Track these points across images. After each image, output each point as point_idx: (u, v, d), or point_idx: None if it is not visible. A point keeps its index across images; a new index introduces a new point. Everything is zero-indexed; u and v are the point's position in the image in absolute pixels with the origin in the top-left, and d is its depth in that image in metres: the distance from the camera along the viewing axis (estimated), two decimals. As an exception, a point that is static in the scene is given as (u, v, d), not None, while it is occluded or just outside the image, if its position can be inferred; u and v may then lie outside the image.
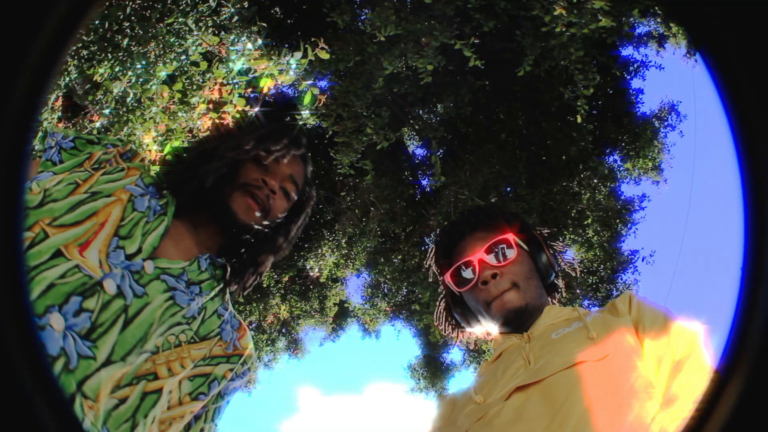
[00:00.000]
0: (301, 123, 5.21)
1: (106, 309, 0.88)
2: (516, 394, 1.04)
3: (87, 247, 0.92)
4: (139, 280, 0.95)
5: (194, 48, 4.03)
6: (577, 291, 7.52)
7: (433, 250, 1.38)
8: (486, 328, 1.29)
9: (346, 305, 9.99)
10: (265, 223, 1.17)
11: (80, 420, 0.80)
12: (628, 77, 8.18)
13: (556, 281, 1.34)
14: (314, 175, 1.29)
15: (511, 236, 1.24)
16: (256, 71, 3.93)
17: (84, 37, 3.63)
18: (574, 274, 1.37)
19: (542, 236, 1.32)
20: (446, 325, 1.39)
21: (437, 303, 1.42)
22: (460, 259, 1.25)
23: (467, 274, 1.24)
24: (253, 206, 1.13)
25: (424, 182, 8.36)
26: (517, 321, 1.20)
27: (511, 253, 1.22)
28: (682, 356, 1.00)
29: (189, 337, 1.00)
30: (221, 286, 1.12)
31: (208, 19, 4.18)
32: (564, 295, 1.37)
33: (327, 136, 6.75)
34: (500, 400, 1.05)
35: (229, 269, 1.15)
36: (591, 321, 1.12)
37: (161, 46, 3.88)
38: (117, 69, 3.74)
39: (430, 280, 1.44)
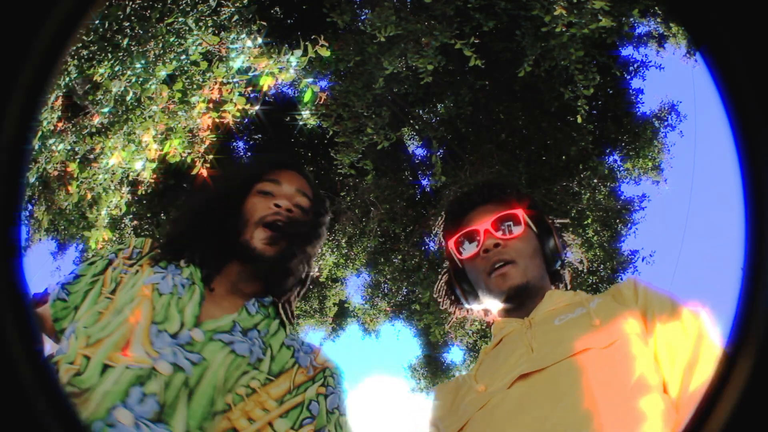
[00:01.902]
0: (301, 123, 5.21)
1: (169, 387, 0.88)
2: (519, 383, 1.01)
3: (128, 346, 0.91)
4: (193, 350, 0.94)
5: (194, 48, 4.03)
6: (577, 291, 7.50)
7: (443, 218, 1.37)
8: (485, 306, 1.28)
9: (346, 305, 9.99)
10: (289, 244, 1.14)
11: None
12: (628, 77, 8.19)
13: (560, 270, 1.32)
14: (316, 184, 1.31)
15: (520, 212, 1.24)
16: (256, 69, 3.93)
17: (84, 37, 3.63)
18: (581, 267, 1.37)
19: (553, 223, 1.31)
20: (445, 299, 1.38)
21: (439, 276, 1.40)
22: (467, 228, 1.25)
23: (472, 243, 1.24)
24: (274, 236, 1.11)
25: (424, 182, 8.36)
26: (518, 298, 1.18)
27: (518, 229, 1.22)
28: (695, 354, 0.96)
29: (263, 380, 0.98)
30: (278, 320, 1.10)
31: (208, 18, 4.18)
32: (568, 287, 1.35)
33: (327, 136, 6.75)
34: (503, 388, 1.03)
35: (279, 304, 1.13)
36: (594, 307, 1.09)
37: (161, 45, 3.88)
38: (117, 69, 3.74)
39: (437, 247, 1.44)
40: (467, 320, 1.40)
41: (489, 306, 1.26)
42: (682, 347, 0.98)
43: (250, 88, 4.12)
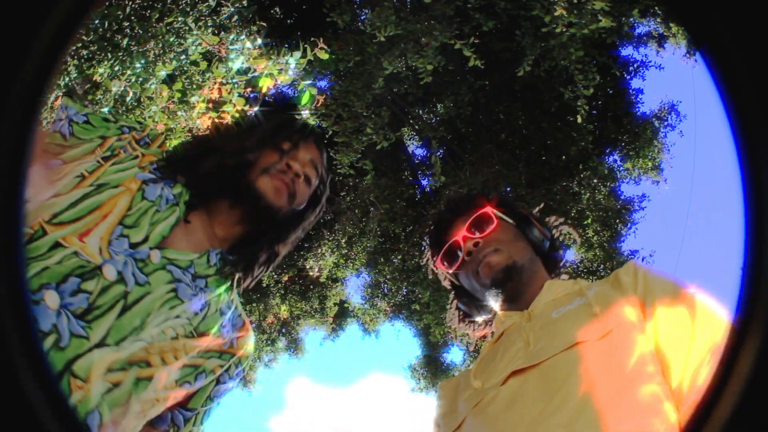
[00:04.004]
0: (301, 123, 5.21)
1: (105, 293, 0.87)
2: (512, 379, 1.02)
3: (87, 234, 0.89)
4: (143, 269, 0.92)
5: (194, 48, 4.03)
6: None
7: (428, 250, 1.42)
8: (490, 307, 1.29)
9: (346, 305, 9.99)
10: (290, 208, 1.15)
11: (66, 396, 0.78)
12: (628, 77, 8.19)
13: (554, 253, 1.35)
14: (329, 165, 1.32)
15: (489, 209, 1.29)
16: (255, 70, 3.93)
17: (84, 37, 3.63)
18: (574, 239, 1.40)
19: (528, 212, 1.35)
20: (460, 323, 1.41)
21: (448, 306, 1.44)
22: (447, 243, 1.30)
23: (456, 255, 1.28)
24: (282, 188, 1.11)
25: (424, 182, 8.36)
26: (509, 281, 1.20)
27: (491, 224, 1.26)
28: (699, 343, 0.94)
29: (187, 332, 0.98)
30: (228, 283, 1.08)
31: (207, 18, 4.18)
32: (566, 266, 1.38)
33: (327, 136, 6.76)
34: (496, 385, 1.04)
35: (238, 267, 1.11)
36: (593, 295, 1.10)
37: (161, 45, 3.88)
38: (117, 69, 3.74)
39: (430, 277, 1.47)
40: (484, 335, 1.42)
41: (491, 304, 1.27)
42: (684, 335, 0.96)
43: (249, 89, 4.12)
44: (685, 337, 0.96)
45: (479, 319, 1.36)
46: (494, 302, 1.25)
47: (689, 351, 0.95)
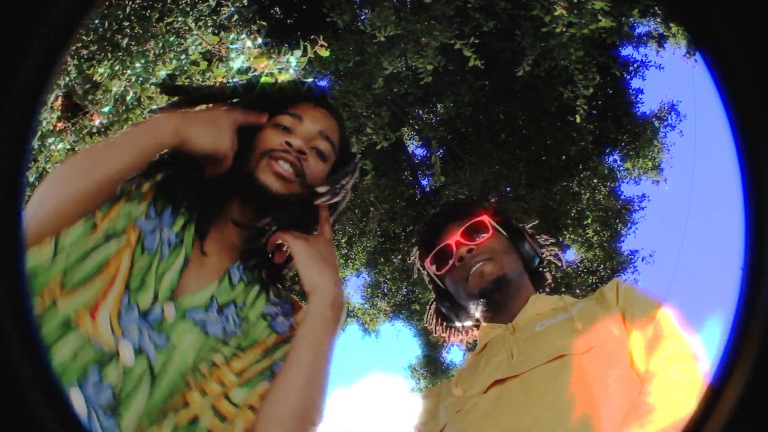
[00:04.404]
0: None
1: (129, 375, 0.81)
2: (494, 388, 1.04)
3: (97, 309, 0.83)
4: (161, 329, 0.86)
5: (194, 47, 4.04)
6: (577, 291, 7.53)
7: (416, 249, 1.42)
8: (473, 315, 1.30)
9: (346, 305, 9.99)
10: (304, 190, 1.00)
11: (67, 396, 0.74)
12: (628, 77, 8.19)
13: (541, 270, 1.36)
14: (346, 131, 1.15)
15: (485, 218, 1.29)
16: (255, 70, 3.93)
17: (84, 37, 3.63)
18: (559, 263, 1.40)
19: (522, 227, 1.36)
20: (437, 326, 1.41)
21: (427, 307, 1.45)
22: (439, 245, 1.29)
23: (447, 258, 1.28)
24: (284, 172, 0.96)
25: (424, 182, 8.36)
26: (498, 293, 1.20)
27: (486, 233, 1.26)
28: (665, 362, 0.98)
29: (227, 355, 0.89)
30: (258, 289, 1.00)
31: (207, 18, 4.18)
32: (550, 283, 1.39)
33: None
34: (478, 393, 1.06)
35: (265, 269, 1.02)
36: (577, 312, 1.12)
37: (161, 45, 3.88)
38: (117, 68, 3.75)
39: (415, 276, 1.47)
40: (463, 340, 1.43)
41: (474, 313, 1.28)
42: (652, 350, 1.01)
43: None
44: (652, 351, 1.01)
45: (458, 324, 1.37)
46: (478, 312, 1.26)
47: (652, 364, 0.99)
